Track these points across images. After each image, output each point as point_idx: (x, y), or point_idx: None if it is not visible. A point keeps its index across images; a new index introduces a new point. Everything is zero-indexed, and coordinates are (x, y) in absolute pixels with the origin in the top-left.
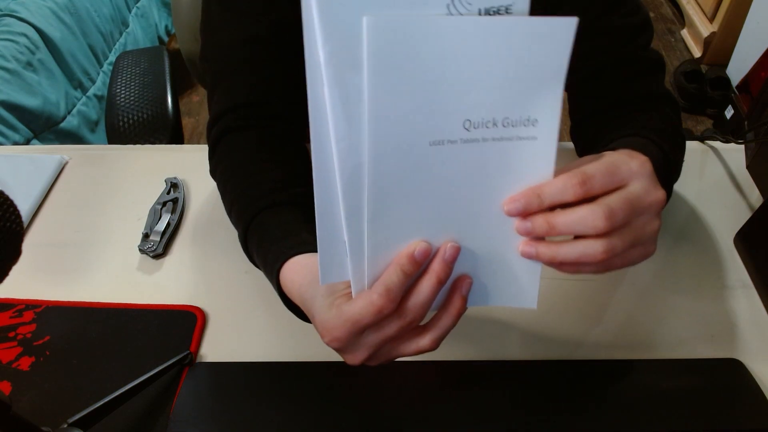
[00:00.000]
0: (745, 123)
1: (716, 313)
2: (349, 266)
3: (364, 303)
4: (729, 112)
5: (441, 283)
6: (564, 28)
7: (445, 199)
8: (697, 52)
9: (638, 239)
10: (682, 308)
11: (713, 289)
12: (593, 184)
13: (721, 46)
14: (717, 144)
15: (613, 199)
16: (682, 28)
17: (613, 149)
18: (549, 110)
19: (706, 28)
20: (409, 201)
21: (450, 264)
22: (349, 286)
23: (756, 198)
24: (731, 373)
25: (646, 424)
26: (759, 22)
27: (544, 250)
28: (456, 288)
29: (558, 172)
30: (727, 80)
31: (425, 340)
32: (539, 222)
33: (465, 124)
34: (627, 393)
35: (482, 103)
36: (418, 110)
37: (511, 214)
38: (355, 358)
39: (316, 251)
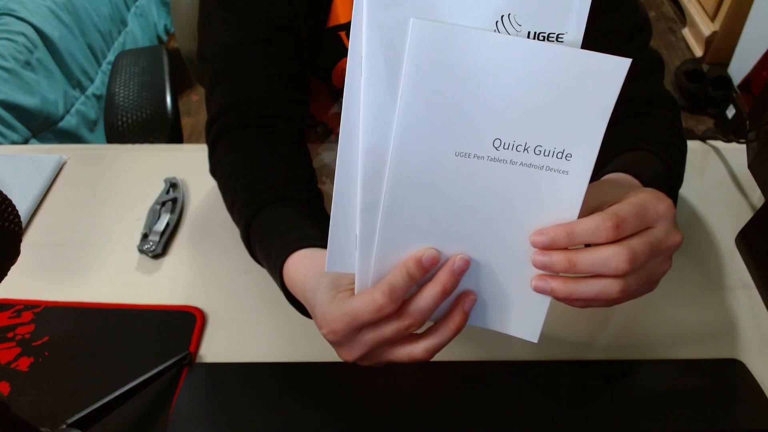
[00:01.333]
0: (747, 122)
1: (717, 313)
2: (356, 260)
3: (366, 299)
4: (730, 112)
5: (446, 293)
6: (616, 68)
7: (462, 212)
8: (698, 52)
9: (649, 279)
10: (683, 308)
11: (714, 289)
12: (625, 228)
13: (723, 45)
14: (718, 144)
15: (637, 243)
16: (684, 27)
17: (622, 170)
18: (586, 147)
19: (707, 27)
20: (426, 206)
21: (458, 276)
22: (353, 282)
23: (757, 198)
24: (732, 373)
25: (647, 424)
26: (761, 21)
27: (560, 287)
28: (459, 303)
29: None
30: (729, 79)
31: (419, 348)
32: (559, 258)
33: (495, 143)
34: (627, 393)
35: (516, 126)
36: (450, 118)
37: (535, 246)
38: (350, 354)
39: (319, 246)
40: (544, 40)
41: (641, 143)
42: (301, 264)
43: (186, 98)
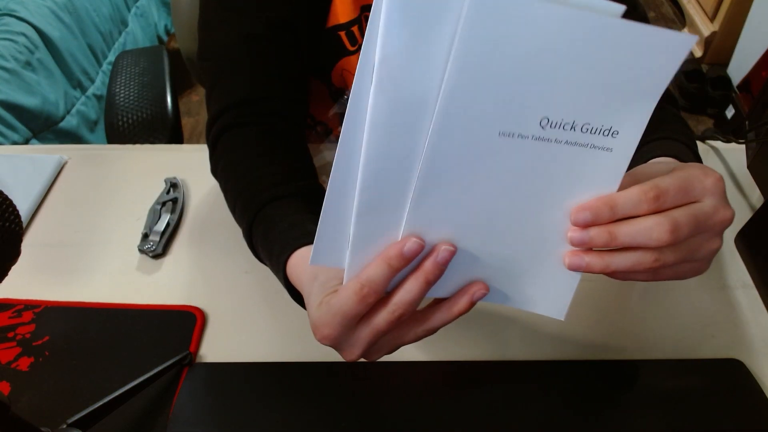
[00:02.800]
0: (746, 123)
1: (717, 313)
2: (347, 261)
3: (348, 292)
4: (730, 112)
5: (429, 283)
6: (681, 44)
7: (494, 194)
8: (698, 52)
9: (692, 255)
10: (682, 308)
11: (714, 289)
12: (666, 200)
13: (722, 45)
14: (718, 144)
15: (681, 214)
16: (683, 27)
17: (657, 155)
18: (634, 125)
19: (706, 28)
20: (460, 188)
21: (441, 266)
22: (340, 283)
23: (757, 198)
24: (731, 373)
25: (646, 424)
26: (760, 22)
27: (596, 261)
28: (468, 291)
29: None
30: (728, 80)
31: (420, 331)
32: (598, 232)
33: (542, 122)
34: (627, 393)
35: (566, 104)
36: (497, 96)
37: (577, 224)
38: (352, 353)
39: None
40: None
41: (666, 133)
42: (303, 262)
43: (186, 98)
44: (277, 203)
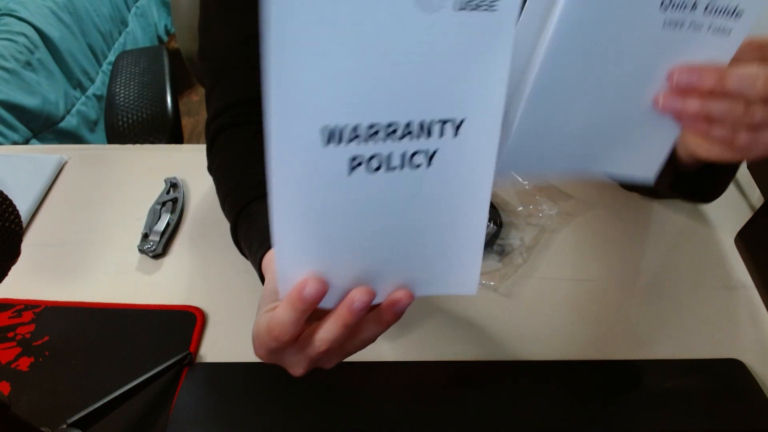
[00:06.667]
0: None
1: (716, 313)
2: (276, 272)
3: (263, 328)
4: None
5: (348, 326)
6: None
7: (609, 80)
8: None
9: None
10: (682, 308)
11: (713, 289)
12: None
13: None
14: None
15: None
16: None
17: None
18: (758, 3)
19: None
20: (578, 81)
21: (358, 314)
22: (277, 299)
23: (757, 198)
24: (731, 373)
25: (646, 424)
26: (760, 22)
27: (692, 102)
28: (392, 305)
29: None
30: None
31: (358, 341)
32: (708, 73)
33: (664, 2)
34: (627, 393)
35: None
36: None
37: (679, 82)
38: (294, 372)
39: None
40: None
41: None
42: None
43: (186, 98)
44: (261, 201)
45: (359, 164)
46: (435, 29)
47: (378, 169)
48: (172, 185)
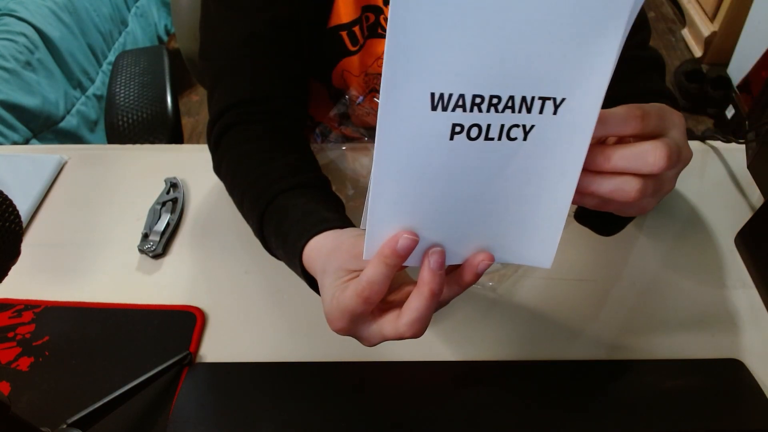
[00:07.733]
0: (746, 122)
1: (716, 313)
2: (365, 237)
3: (351, 293)
4: (730, 112)
5: (435, 295)
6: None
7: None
8: (697, 52)
9: (658, 191)
10: (682, 308)
11: (713, 289)
12: (649, 122)
13: (722, 45)
14: (718, 144)
15: (671, 141)
16: (683, 27)
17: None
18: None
19: (706, 28)
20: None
21: (438, 272)
22: (349, 274)
23: (757, 198)
24: (731, 373)
25: (646, 424)
26: (760, 22)
27: (583, 179)
28: (473, 262)
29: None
30: (728, 80)
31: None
32: (593, 152)
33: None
34: (627, 393)
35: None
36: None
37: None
38: (370, 343)
39: (337, 227)
40: None
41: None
42: (319, 249)
43: (186, 98)
44: (288, 194)
45: (461, 131)
46: (552, 8)
47: (477, 137)
48: (172, 185)
